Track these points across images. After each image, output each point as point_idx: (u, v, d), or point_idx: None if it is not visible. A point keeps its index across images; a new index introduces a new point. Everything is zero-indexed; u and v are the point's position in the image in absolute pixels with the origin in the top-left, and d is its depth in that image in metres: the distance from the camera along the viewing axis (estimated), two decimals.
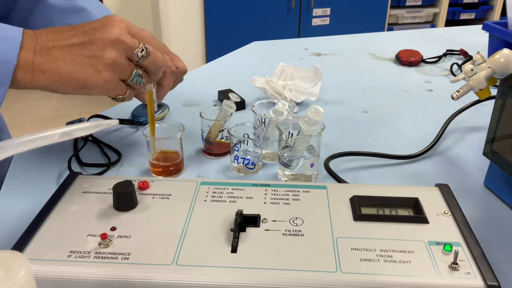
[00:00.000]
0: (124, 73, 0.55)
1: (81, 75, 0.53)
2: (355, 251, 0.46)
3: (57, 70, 0.52)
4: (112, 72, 0.54)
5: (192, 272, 0.44)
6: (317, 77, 0.93)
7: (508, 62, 0.67)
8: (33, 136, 0.33)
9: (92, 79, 0.53)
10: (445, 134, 0.79)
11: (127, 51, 0.54)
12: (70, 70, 0.52)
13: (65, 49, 0.52)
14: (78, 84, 0.53)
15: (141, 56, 0.55)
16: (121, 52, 0.54)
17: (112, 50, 0.53)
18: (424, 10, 3.10)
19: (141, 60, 0.55)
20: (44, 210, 0.52)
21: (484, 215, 0.60)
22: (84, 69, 0.53)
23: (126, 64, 0.55)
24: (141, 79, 0.57)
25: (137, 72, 0.56)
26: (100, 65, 0.53)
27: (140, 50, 0.55)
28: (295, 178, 0.65)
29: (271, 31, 2.80)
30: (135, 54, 0.55)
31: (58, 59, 0.52)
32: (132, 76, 0.56)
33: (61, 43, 0.53)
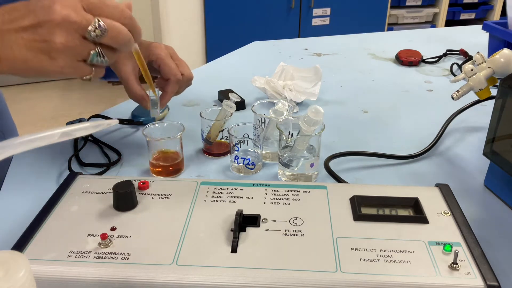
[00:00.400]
0: (80, 55, 0.51)
1: (36, 63, 0.50)
2: (355, 251, 0.46)
3: (14, 58, 0.49)
4: (66, 57, 0.50)
5: (192, 272, 0.44)
6: (317, 77, 0.93)
7: (508, 62, 0.67)
8: (33, 136, 0.33)
9: (48, 67, 0.50)
10: (445, 134, 0.79)
11: (79, 31, 0.49)
12: (25, 57, 0.49)
13: (18, 33, 0.49)
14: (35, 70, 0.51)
15: (95, 36, 0.50)
16: (73, 34, 0.49)
17: (62, 34, 0.48)
18: (424, 10, 3.10)
19: (97, 39, 0.50)
20: (44, 210, 0.52)
21: (484, 215, 0.60)
22: (38, 56, 0.49)
23: (81, 45, 0.50)
24: (102, 58, 0.52)
25: (95, 53, 0.51)
26: (53, 52, 0.49)
27: (93, 29, 0.49)
28: (295, 178, 0.65)
29: (271, 31, 2.80)
30: (88, 34, 0.49)
31: (13, 45, 0.49)
32: (91, 57, 0.51)
33: (14, 26, 0.49)
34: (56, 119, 2.73)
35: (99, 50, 0.52)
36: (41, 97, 3.03)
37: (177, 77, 0.70)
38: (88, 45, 0.51)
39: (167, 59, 0.70)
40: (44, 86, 3.18)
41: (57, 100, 3.01)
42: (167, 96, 0.71)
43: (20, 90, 3.08)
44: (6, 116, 0.88)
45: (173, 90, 0.71)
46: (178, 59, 0.73)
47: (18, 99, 2.96)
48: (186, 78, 0.72)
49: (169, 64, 0.70)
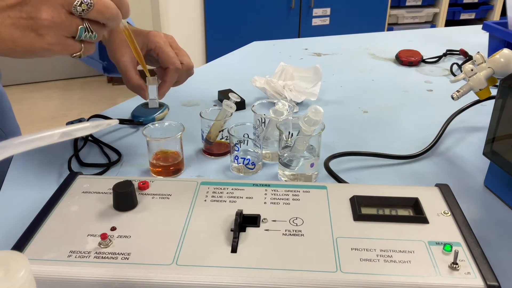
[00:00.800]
0: (68, 31, 0.50)
1: (24, 41, 0.49)
2: (355, 251, 0.46)
3: (1, 38, 0.49)
4: (55, 33, 0.49)
5: (192, 272, 0.44)
6: (317, 77, 0.93)
7: (508, 62, 0.67)
8: (33, 136, 0.33)
9: (36, 45, 0.50)
10: (445, 134, 0.79)
11: (65, 7, 0.49)
12: (12, 36, 0.49)
13: (5, 12, 0.49)
14: (24, 49, 0.50)
15: (81, 10, 0.49)
16: (58, 9, 0.49)
17: (48, 10, 0.48)
18: (424, 10, 3.10)
19: (84, 13, 0.50)
20: (44, 210, 0.52)
21: (484, 215, 0.60)
22: (26, 34, 0.49)
23: (68, 21, 0.50)
24: (91, 33, 0.52)
25: (83, 28, 0.51)
26: (40, 28, 0.49)
27: (79, 3, 0.49)
28: (295, 178, 0.65)
29: (271, 31, 2.80)
30: (74, 9, 0.49)
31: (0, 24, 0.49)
32: (79, 33, 0.51)
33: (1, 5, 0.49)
34: (56, 119, 2.73)
35: (87, 25, 0.51)
36: (41, 97, 3.03)
37: (176, 66, 0.68)
38: (75, 21, 0.50)
39: (166, 47, 0.68)
40: (44, 86, 3.18)
41: (57, 100, 3.01)
42: (166, 85, 0.69)
43: (20, 90, 3.09)
44: (10, 117, 0.88)
45: (172, 79, 0.69)
46: (178, 48, 0.71)
47: (18, 99, 2.96)
48: (186, 67, 0.71)
49: (168, 52, 0.68)
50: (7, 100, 0.89)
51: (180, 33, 2.74)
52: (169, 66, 0.68)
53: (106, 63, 0.79)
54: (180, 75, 0.71)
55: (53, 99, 3.02)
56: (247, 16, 2.76)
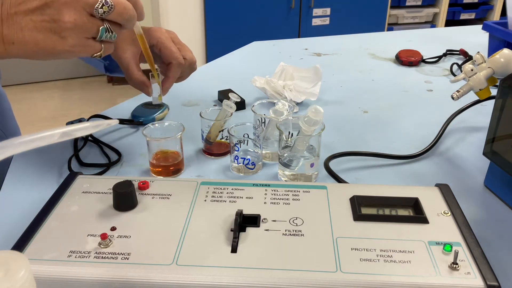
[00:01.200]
0: (89, 32, 0.52)
1: (47, 43, 0.50)
2: (355, 251, 0.46)
3: (24, 41, 0.50)
4: (77, 35, 0.51)
5: (192, 272, 0.44)
6: (317, 77, 0.93)
7: (508, 62, 0.67)
8: (33, 136, 0.33)
9: (58, 46, 0.51)
10: (445, 134, 0.79)
11: (86, 9, 0.50)
12: (35, 38, 0.50)
13: (27, 15, 0.50)
14: (47, 52, 0.51)
15: (102, 12, 0.51)
16: (80, 12, 0.50)
17: (70, 12, 0.49)
18: (424, 10, 3.10)
19: (105, 15, 0.51)
20: (44, 210, 0.52)
21: (484, 215, 0.60)
22: (49, 36, 0.50)
23: (89, 22, 0.51)
24: (111, 33, 0.53)
25: (104, 28, 0.52)
26: (62, 31, 0.50)
27: (100, 6, 0.51)
28: (295, 178, 0.65)
29: (271, 31, 2.80)
30: (95, 11, 0.51)
31: (23, 28, 0.50)
32: (100, 34, 0.52)
33: (23, 8, 0.50)
34: (56, 119, 2.73)
35: (107, 25, 0.53)
36: (41, 97, 3.03)
37: (178, 61, 0.68)
38: (96, 22, 0.52)
39: (168, 43, 0.68)
40: (44, 86, 3.18)
41: (57, 100, 3.01)
42: (169, 81, 0.69)
43: (20, 90, 3.09)
44: (10, 117, 0.88)
45: (175, 74, 0.69)
46: (180, 43, 0.71)
47: (18, 99, 2.96)
48: (189, 62, 0.70)
49: (170, 48, 0.68)
50: (7, 101, 0.89)
51: (180, 33, 2.72)
52: (172, 61, 0.68)
53: (107, 63, 0.79)
54: (183, 71, 0.71)
55: (53, 99, 3.02)
56: (247, 16, 2.76)
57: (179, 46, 0.70)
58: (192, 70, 0.73)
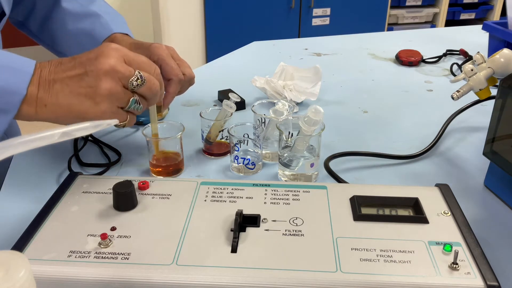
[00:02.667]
0: (121, 102, 0.55)
1: (80, 108, 0.53)
2: (355, 251, 0.46)
3: (58, 104, 0.53)
4: (109, 103, 0.54)
5: (192, 272, 0.44)
6: (317, 77, 0.93)
7: (508, 62, 0.67)
8: (33, 136, 0.33)
9: (90, 111, 0.54)
10: (445, 134, 0.79)
11: (122, 80, 0.54)
12: (69, 103, 0.53)
13: (64, 81, 0.53)
14: (78, 116, 0.54)
15: (136, 85, 0.55)
16: (117, 82, 0.54)
17: (107, 81, 0.53)
18: (424, 10, 3.10)
19: (137, 88, 0.56)
20: (44, 210, 0.52)
21: (484, 215, 0.60)
22: (82, 101, 0.53)
23: (123, 92, 0.55)
24: (139, 105, 0.57)
25: (134, 99, 0.56)
26: (97, 97, 0.53)
27: (135, 79, 0.55)
28: (295, 178, 0.65)
29: (271, 31, 2.80)
30: (130, 83, 0.55)
31: (59, 92, 0.53)
32: (129, 104, 0.56)
33: (61, 76, 0.53)
34: None
35: (137, 98, 0.57)
36: None
37: (179, 77, 0.70)
38: (128, 93, 0.56)
39: (169, 59, 0.70)
40: None
41: None
42: (169, 96, 0.71)
43: None
44: None
45: (175, 90, 0.71)
46: (179, 59, 0.73)
47: None
48: (188, 78, 0.72)
49: (171, 64, 0.70)
50: None
51: (180, 33, 2.74)
52: (172, 78, 0.70)
53: None
54: (182, 86, 0.73)
55: None
56: (247, 16, 2.75)
57: (179, 62, 0.72)
58: (191, 84, 0.75)
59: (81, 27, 0.77)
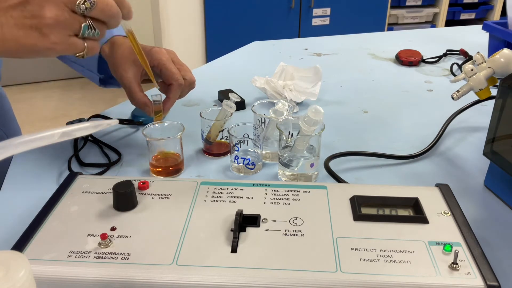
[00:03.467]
0: (72, 29, 0.51)
1: (28, 41, 0.49)
2: (355, 251, 0.46)
3: (4, 38, 0.49)
4: (58, 32, 0.50)
5: (192, 272, 0.44)
6: (317, 77, 0.93)
7: (508, 62, 0.67)
8: (33, 136, 0.33)
9: (39, 44, 0.50)
10: (445, 134, 0.79)
11: (68, 5, 0.49)
12: (15, 36, 0.49)
13: (8, 12, 0.49)
14: (27, 49, 0.50)
15: (84, 9, 0.50)
16: (62, 8, 0.49)
17: (51, 8, 0.48)
18: (424, 10, 3.10)
19: (87, 12, 0.50)
20: (44, 210, 0.52)
21: (484, 215, 0.60)
22: (29, 33, 0.49)
23: (71, 19, 0.50)
24: (94, 30, 0.52)
25: (86, 25, 0.51)
26: (44, 27, 0.49)
27: (82, 2, 0.49)
28: (295, 178, 0.65)
29: (271, 31, 2.80)
30: (77, 7, 0.50)
31: (3, 25, 0.49)
32: (82, 30, 0.51)
33: (3, 5, 0.49)
34: (56, 119, 2.73)
35: (90, 22, 0.52)
36: (41, 97, 3.03)
37: (179, 82, 0.70)
38: (78, 18, 0.51)
39: (169, 64, 0.69)
40: (44, 86, 3.18)
41: (57, 100, 3.01)
42: (170, 101, 0.71)
43: (20, 90, 3.09)
44: (11, 118, 0.89)
45: (176, 95, 0.71)
46: (180, 63, 0.73)
47: (18, 99, 2.96)
48: (188, 83, 0.72)
49: (171, 69, 0.69)
50: (8, 102, 0.89)
51: (180, 33, 2.74)
52: (173, 83, 0.69)
53: (102, 76, 0.80)
54: (183, 90, 0.72)
55: (53, 99, 3.02)
56: (247, 16, 2.75)
57: (179, 66, 0.71)
58: (191, 88, 0.74)
59: None
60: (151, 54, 0.70)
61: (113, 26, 0.56)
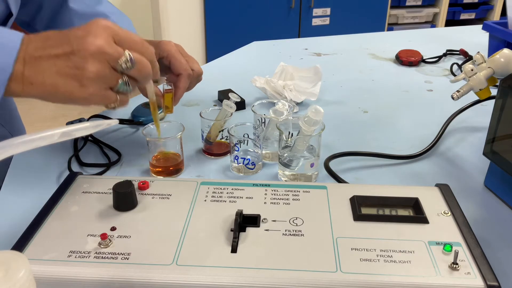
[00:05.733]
0: (109, 83, 0.54)
1: (66, 88, 0.52)
2: (355, 251, 0.46)
3: (44, 83, 0.51)
4: (96, 85, 0.52)
5: (192, 272, 0.44)
6: (317, 77, 0.93)
7: (508, 62, 0.67)
8: (33, 136, 0.33)
9: (77, 93, 0.52)
10: (445, 134, 0.79)
11: (110, 62, 0.52)
12: (55, 83, 0.51)
13: (51, 60, 0.51)
14: (64, 96, 0.52)
15: (125, 68, 0.53)
16: (104, 64, 0.52)
17: (94, 63, 0.51)
18: (424, 10, 3.10)
19: (126, 70, 0.54)
20: (44, 210, 0.52)
21: (484, 215, 0.60)
22: (69, 82, 0.51)
23: (110, 74, 0.53)
24: (128, 87, 0.55)
25: (123, 82, 0.54)
26: (84, 79, 0.51)
27: (124, 61, 0.53)
28: (295, 178, 0.65)
29: (271, 31, 2.80)
30: (118, 65, 0.53)
31: (45, 71, 0.51)
32: (118, 86, 0.54)
33: (48, 53, 0.51)
34: (56, 119, 2.72)
35: (126, 79, 0.55)
36: None
37: (188, 72, 0.71)
38: (117, 75, 0.54)
39: (177, 55, 0.71)
40: None
41: None
42: (180, 91, 0.72)
43: None
44: (17, 118, 0.89)
45: (185, 85, 0.71)
46: (187, 55, 0.74)
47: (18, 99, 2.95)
48: (196, 74, 0.73)
49: (180, 60, 0.71)
50: (13, 101, 0.89)
51: (180, 33, 2.74)
52: (182, 72, 0.70)
53: None
54: (191, 81, 0.73)
55: None
56: (247, 16, 2.75)
57: (187, 58, 0.73)
58: (198, 80, 0.75)
59: None
60: (160, 46, 0.71)
61: (144, 84, 0.59)
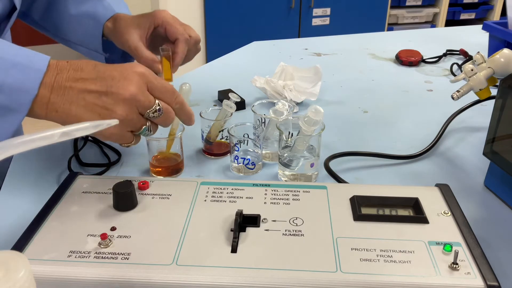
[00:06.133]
0: (133, 127, 0.54)
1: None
2: (355, 251, 0.46)
3: (69, 113, 0.52)
4: (120, 126, 0.53)
5: (192, 272, 0.44)
6: (317, 77, 0.93)
7: (508, 62, 0.67)
8: (33, 136, 0.33)
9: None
10: (445, 134, 0.79)
11: (139, 109, 0.53)
12: (80, 115, 0.52)
13: (81, 94, 0.51)
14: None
15: (152, 116, 0.54)
16: (133, 110, 0.53)
17: (125, 107, 0.52)
18: (424, 10, 3.10)
19: (152, 118, 0.55)
20: (44, 210, 0.52)
21: (484, 215, 0.60)
22: (94, 117, 0.52)
23: (136, 119, 0.54)
24: (150, 132, 0.56)
25: (146, 127, 0.55)
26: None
27: (153, 111, 0.54)
28: (295, 178, 0.65)
29: (271, 31, 2.80)
30: (146, 114, 0.54)
31: (73, 102, 0.51)
32: (141, 131, 0.55)
33: (79, 87, 0.51)
34: None
35: (149, 125, 0.56)
36: None
37: (185, 36, 0.71)
38: (142, 121, 0.55)
39: (173, 21, 0.71)
40: None
41: None
42: (178, 56, 0.71)
43: None
44: None
45: (183, 50, 0.71)
46: (183, 24, 0.74)
47: None
48: (194, 40, 0.73)
49: (175, 26, 0.71)
50: None
51: None
52: (179, 37, 0.71)
53: (108, 55, 0.81)
54: (189, 49, 0.73)
55: None
56: (247, 16, 2.75)
57: (184, 26, 0.73)
58: (197, 50, 0.75)
59: (83, 10, 0.77)
60: (154, 14, 0.71)
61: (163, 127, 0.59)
